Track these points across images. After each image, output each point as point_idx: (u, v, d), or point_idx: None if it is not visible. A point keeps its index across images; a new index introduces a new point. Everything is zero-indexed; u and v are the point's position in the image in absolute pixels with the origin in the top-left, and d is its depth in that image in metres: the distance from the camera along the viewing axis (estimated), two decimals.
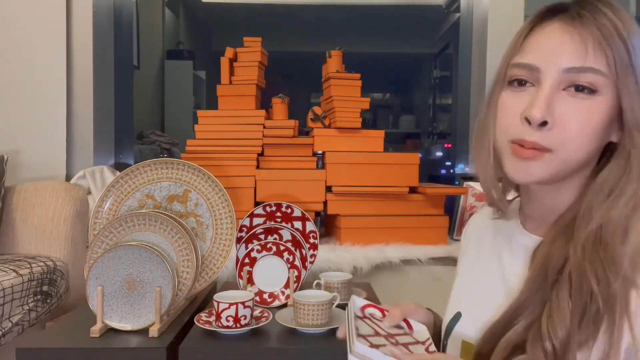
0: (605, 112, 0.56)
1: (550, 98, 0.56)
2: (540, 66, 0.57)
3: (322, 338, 1.06)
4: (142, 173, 1.29)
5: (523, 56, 0.59)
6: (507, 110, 0.60)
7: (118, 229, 1.15)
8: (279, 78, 4.34)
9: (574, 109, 0.56)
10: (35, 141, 1.96)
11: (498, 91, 0.62)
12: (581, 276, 0.53)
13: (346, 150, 1.74)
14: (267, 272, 1.30)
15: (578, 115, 0.55)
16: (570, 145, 0.56)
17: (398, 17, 4.50)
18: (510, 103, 0.60)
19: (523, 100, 0.58)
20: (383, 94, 5.91)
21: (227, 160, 1.69)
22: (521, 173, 0.58)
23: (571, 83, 0.56)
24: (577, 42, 0.56)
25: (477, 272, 0.73)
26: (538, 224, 0.66)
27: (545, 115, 0.55)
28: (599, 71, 0.55)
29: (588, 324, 0.52)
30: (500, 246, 0.71)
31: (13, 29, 1.96)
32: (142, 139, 3.13)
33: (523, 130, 0.57)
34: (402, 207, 1.72)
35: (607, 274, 0.52)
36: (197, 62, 4.08)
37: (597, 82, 0.55)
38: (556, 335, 0.52)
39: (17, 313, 1.36)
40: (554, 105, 0.56)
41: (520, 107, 0.58)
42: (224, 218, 1.30)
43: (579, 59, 0.55)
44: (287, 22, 4.61)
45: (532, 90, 0.58)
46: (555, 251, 0.58)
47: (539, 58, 0.57)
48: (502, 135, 0.61)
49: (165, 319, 1.10)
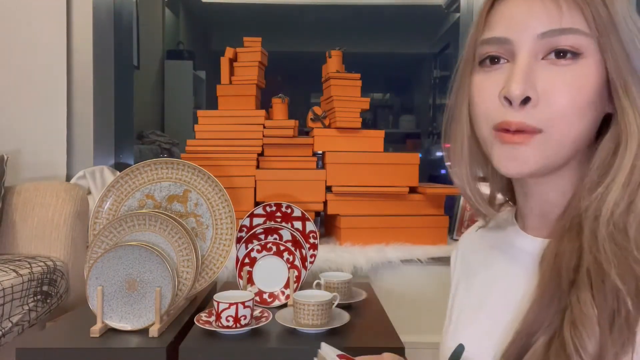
0: (594, 77, 0.48)
1: (529, 70, 0.48)
2: (512, 37, 0.50)
3: (322, 338, 1.06)
4: (142, 173, 1.29)
5: (491, 30, 0.52)
6: (483, 93, 0.52)
7: (118, 229, 1.15)
8: (279, 78, 4.34)
9: (558, 78, 0.48)
10: (35, 141, 1.96)
11: (468, 74, 0.55)
12: (601, 273, 0.45)
13: (346, 150, 1.74)
14: (267, 272, 1.30)
15: (565, 85, 0.48)
16: (562, 122, 0.48)
17: (398, 17, 4.50)
18: (485, 84, 0.52)
19: (499, 79, 0.51)
20: (383, 94, 5.90)
21: (227, 160, 1.69)
22: (512, 162, 0.50)
23: (550, 49, 0.48)
24: (547, 3, 0.48)
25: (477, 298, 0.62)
26: (541, 224, 0.58)
27: (527, 90, 0.48)
28: (579, 30, 0.48)
29: (621, 329, 0.42)
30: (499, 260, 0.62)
31: (13, 29, 1.96)
32: (142, 139, 3.13)
33: (505, 112, 0.49)
34: (402, 207, 1.72)
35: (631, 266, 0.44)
36: (197, 62, 4.08)
37: (579, 44, 0.48)
38: (585, 348, 0.43)
39: (17, 313, 1.36)
40: (534, 78, 0.48)
41: (497, 87, 0.50)
42: (224, 218, 1.30)
43: (553, 21, 0.48)
44: (287, 22, 4.61)
45: (508, 66, 0.51)
46: (565, 249, 0.49)
47: (508, 29, 0.50)
48: (482, 123, 0.53)
49: (165, 319, 1.10)
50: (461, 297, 0.66)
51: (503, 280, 0.59)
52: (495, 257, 0.62)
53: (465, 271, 0.67)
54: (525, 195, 0.58)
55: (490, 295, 0.60)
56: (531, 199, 0.57)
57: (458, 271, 0.69)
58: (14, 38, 1.96)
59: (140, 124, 3.13)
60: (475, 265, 0.66)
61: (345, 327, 1.09)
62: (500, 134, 0.50)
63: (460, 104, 0.57)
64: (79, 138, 2.05)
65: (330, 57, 1.81)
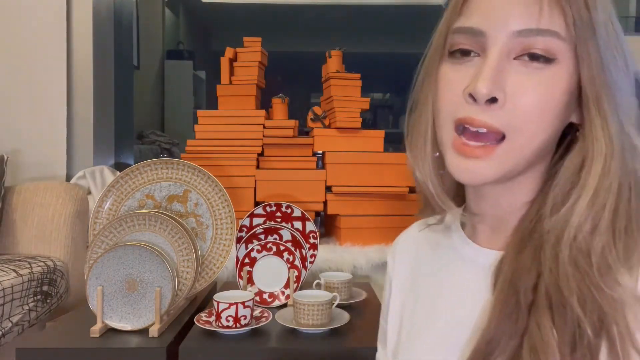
0: (565, 85, 0.46)
1: (499, 69, 0.45)
2: (486, 30, 0.46)
3: (322, 338, 1.06)
4: (142, 173, 1.29)
5: (466, 19, 0.48)
6: (449, 87, 0.49)
7: (118, 229, 1.15)
8: (279, 78, 4.34)
9: (528, 82, 0.45)
10: (35, 141, 1.96)
11: (437, 63, 0.52)
12: (562, 299, 0.43)
13: (346, 150, 1.74)
14: (267, 272, 1.30)
15: (534, 90, 0.45)
16: (527, 127, 0.46)
17: (398, 17, 4.50)
18: (452, 77, 0.49)
19: (467, 74, 0.47)
20: (383, 94, 5.90)
21: (227, 160, 1.69)
22: (465, 174, 0.48)
23: (524, 50, 0.46)
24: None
25: (425, 311, 0.58)
26: (492, 235, 0.54)
27: (494, 91, 0.45)
28: (557, 34, 0.45)
29: (584, 355, 0.41)
30: (447, 270, 0.57)
31: (13, 29, 1.96)
32: (142, 139, 3.13)
33: (469, 109, 0.47)
34: (402, 207, 1.72)
35: (593, 292, 0.42)
36: (197, 62, 4.08)
37: (554, 48, 0.45)
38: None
39: (17, 313, 1.36)
40: (504, 78, 0.46)
41: (464, 83, 0.47)
42: (224, 218, 1.30)
43: (531, 20, 0.45)
44: (287, 22, 4.62)
45: (478, 61, 0.48)
46: (523, 266, 0.47)
47: (483, 20, 0.47)
48: (444, 118, 0.50)
49: (165, 319, 1.10)
50: (411, 308, 0.61)
51: (452, 293, 0.55)
52: (443, 266, 0.58)
53: (410, 278, 0.63)
54: (477, 197, 0.55)
55: (439, 309, 0.56)
56: (483, 202, 0.54)
57: (400, 276, 0.64)
58: (14, 38, 1.96)
59: (140, 124, 3.13)
60: (421, 273, 0.61)
61: (345, 327, 1.09)
62: (460, 145, 0.48)
63: (425, 95, 0.54)
64: (79, 138, 2.05)
65: (330, 57, 1.81)
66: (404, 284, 0.63)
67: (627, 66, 0.47)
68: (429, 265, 0.61)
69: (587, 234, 0.45)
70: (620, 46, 0.47)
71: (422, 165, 0.55)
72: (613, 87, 0.46)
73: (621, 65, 0.47)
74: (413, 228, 0.67)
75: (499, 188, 0.51)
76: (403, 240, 0.67)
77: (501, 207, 0.53)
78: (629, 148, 0.46)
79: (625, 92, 0.46)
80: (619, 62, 0.46)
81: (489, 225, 0.55)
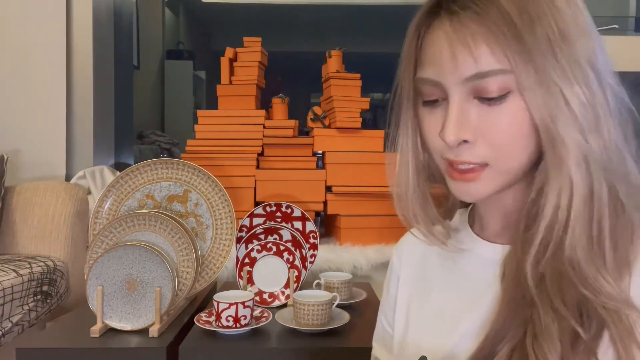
0: (526, 112, 0.47)
1: (461, 113, 0.48)
2: (442, 80, 0.49)
3: (322, 338, 1.06)
4: (142, 173, 1.29)
5: (424, 70, 0.52)
6: (429, 131, 0.53)
7: (118, 229, 1.15)
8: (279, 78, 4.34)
9: (491, 117, 0.48)
10: (35, 141, 1.96)
11: (411, 107, 0.55)
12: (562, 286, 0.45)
13: (346, 150, 1.74)
14: (267, 272, 1.30)
15: (498, 123, 0.47)
16: (504, 155, 0.49)
17: (398, 17, 4.49)
18: (429, 122, 0.52)
19: (438, 117, 0.51)
20: (383, 94, 5.90)
21: (227, 160, 1.69)
22: (465, 194, 0.52)
23: (477, 92, 0.48)
24: (460, 48, 0.47)
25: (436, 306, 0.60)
26: (499, 230, 0.57)
27: (461, 135, 0.48)
28: (501, 70, 0.46)
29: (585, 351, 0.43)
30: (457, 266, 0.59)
31: (13, 29, 1.96)
32: (142, 139, 3.13)
33: (449, 151, 0.50)
34: None
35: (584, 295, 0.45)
36: (197, 62, 4.08)
37: (505, 83, 0.46)
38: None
39: (17, 313, 1.36)
40: (468, 120, 0.48)
41: (438, 126, 0.51)
42: (224, 218, 1.30)
43: (473, 65, 0.47)
44: (287, 22, 4.62)
45: (445, 104, 0.50)
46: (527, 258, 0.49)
47: (437, 72, 0.50)
48: (433, 151, 0.54)
49: (165, 319, 1.10)
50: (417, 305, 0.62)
51: (463, 288, 0.57)
52: (452, 262, 0.60)
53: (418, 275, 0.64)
54: (485, 202, 0.57)
55: (450, 304, 0.57)
56: (491, 206, 0.57)
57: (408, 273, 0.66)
58: (14, 38, 1.96)
59: (140, 124, 3.13)
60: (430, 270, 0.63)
61: (345, 327, 1.09)
62: (450, 171, 0.52)
63: (403, 134, 0.57)
64: (78, 138, 2.05)
65: (330, 57, 1.81)
66: (412, 280, 0.65)
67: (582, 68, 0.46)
68: (437, 262, 0.62)
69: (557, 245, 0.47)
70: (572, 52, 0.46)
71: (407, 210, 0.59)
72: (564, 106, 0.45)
73: (575, 74, 0.46)
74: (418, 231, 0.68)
75: (501, 195, 0.54)
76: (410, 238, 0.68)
77: (505, 207, 0.56)
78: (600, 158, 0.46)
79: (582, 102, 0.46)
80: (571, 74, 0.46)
81: (495, 222, 0.57)
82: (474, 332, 0.52)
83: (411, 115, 0.56)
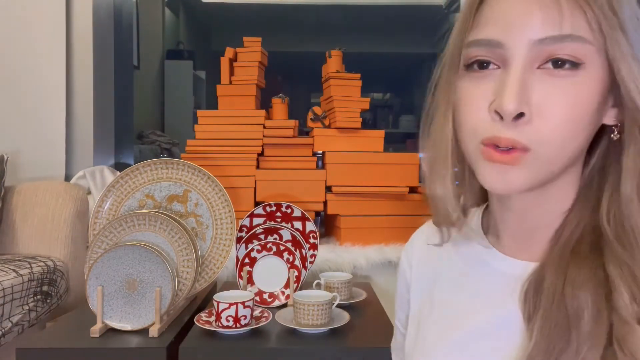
0: (595, 90, 0.43)
1: (524, 82, 0.43)
2: (505, 41, 0.44)
3: (322, 338, 1.06)
4: (142, 173, 1.29)
5: (480, 30, 0.46)
6: (471, 104, 0.46)
7: (118, 229, 1.15)
8: (279, 78, 4.34)
9: (555, 92, 0.43)
10: (35, 141, 1.96)
11: (452, 79, 0.50)
12: None
13: (346, 150, 1.74)
14: (267, 272, 1.30)
15: (562, 99, 0.43)
16: (555, 141, 0.43)
17: (398, 17, 4.50)
18: (473, 93, 0.46)
19: (488, 88, 0.45)
20: (383, 94, 5.90)
21: (227, 160, 1.69)
22: (500, 182, 0.45)
23: (547, 57, 0.43)
24: (547, 4, 0.42)
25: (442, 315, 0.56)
26: (520, 245, 0.52)
27: (521, 106, 0.42)
28: (581, 38, 0.42)
29: None
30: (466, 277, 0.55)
31: (13, 29, 1.96)
32: (142, 139, 3.13)
33: (495, 126, 0.44)
34: (402, 207, 1.72)
35: None
36: (197, 62, 4.08)
37: (580, 53, 0.42)
38: None
39: (17, 313, 1.36)
40: (529, 90, 0.43)
41: (487, 97, 0.45)
42: (224, 218, 1.30)
43: (553, 26, 0.42)
44: (287, 22, 4.62)
45: (498, 73, 0.45)
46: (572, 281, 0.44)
47: (501, 31, 0.44)
48: (469, 136, 0.47)
49: (165, 319, 1.10)
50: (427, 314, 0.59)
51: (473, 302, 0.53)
52: (464, 273, 0.56)
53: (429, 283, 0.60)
54: (503, 208, 0.52)
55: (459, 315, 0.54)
56: (511, 214, 0.52)
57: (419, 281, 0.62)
58: (13, 38, 1.96)
59: (140, 124, 3.13)
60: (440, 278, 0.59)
61: (345, 327, 1.09)
62: (488, 151, 0.45)
63: (443, 112, 0.51)
64: (78, 138, 2.05)
65: (330, 57, 1.81)
66: (423, 289, 0.61)
67: None
68: (449, 270, 0.59)
69: None
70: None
71: (444, 185, 0.52)
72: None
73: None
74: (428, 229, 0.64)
75: (529, 198, 0.49)
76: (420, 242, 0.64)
77: (529, 220, 0.51)
78: None
79: None
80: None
81: (516, 236, 0.52)
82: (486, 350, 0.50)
83: (453, 86, 0.50)
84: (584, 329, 0.41)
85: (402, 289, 0.65)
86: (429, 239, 0.61)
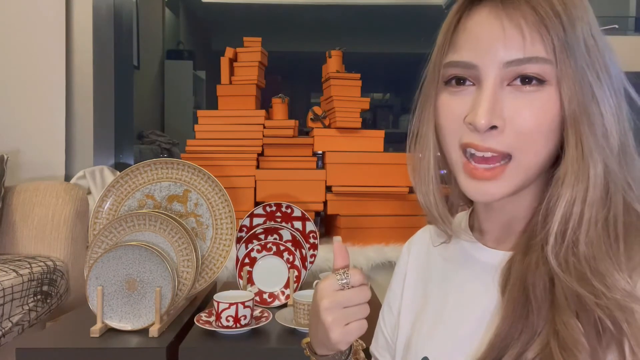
0: (558, 104, 0.48)
1: (495, 98, 0.48)
2: (478, 63, 0.49)
3: None
4: (142, 173, 1.29)
5: (456, 53, 0.51)
6: (449, 115, 0.52)
7: (118, 229, 1.15)
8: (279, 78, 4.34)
9: (524, 104, 0.48)
10: (35, 141, 1.96)
11: (433, 93, 0.55)
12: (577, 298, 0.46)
13: (346, 150, 1.74)
14: (267, 272, 1.30)
15: (531, 111, 0.48)
16: (530, 147, 0.49)
17: (398, 17, 4.50)
18: (451, 106, 0.52)
19: (465, 102, 0.51)
20: (383, 94, 5.90)
21: (227, 160, 1.69)
22: (481, 195, 0.51)
23: (516, 76, 0.48)
24: (512, 30, 0.48)
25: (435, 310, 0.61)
26: (500, 237, 0.57)
27: (492, 120, 0.48)
28: (542, 59, 0.47)
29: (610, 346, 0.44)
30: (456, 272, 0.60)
31: (13, 29, 1.96)
32: (142, 139, 3.13)
33: (472, 135, 0.50)
34: (402, 207, 1.72)
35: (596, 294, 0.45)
36: (197, 62, 4.08)
37: (544, 72, 0.48)
38: None
39: (17, 313, 1.36)
40: (500, 105, 0.48)
41: (463, 110, 0.51)
42: (224, 218, 1.30)
43: (517, 50, 0.47)
44: (287, 22, 4.61)
45: (473, 90, 0.50)
46: (529, 267, 0.50)
47: (474, 55, 0.50)
48: (450, 144, 0.53)
49: (165, 319, 1.10)
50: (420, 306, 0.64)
51: (461, 293, 0.58)
52: (453, 268, 0.61)
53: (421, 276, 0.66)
54: (487, 208, 0.58)
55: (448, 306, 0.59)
56: (494, 213, 0.57)
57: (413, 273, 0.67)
58: (13, 38, 1.96)
59: (140, 124, 3.13)
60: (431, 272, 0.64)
61: None
62: (470, 169, 0.50)
63: (425, 123, 0.57)
64: (78, 138, 2.05)
65: (330, 57, 1.81)
66: (415, 281, 0.66)
67: (611, 77, 0.49)
68: (439, 265, 0.64)
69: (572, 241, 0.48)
70: (603, 60, 0.49)
71: (427, 192, 0.58)
72: (593, 104, 0.47)
73: (604, 79, 0.48)
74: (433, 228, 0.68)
75: (509, 201, 0.54)
76: (419, 239, 0.70)
77: (507, 214, 0.56)
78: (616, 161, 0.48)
79: (609, 105, 0.48)
80: (601, 77, 0.48)
81: (497, 229, 0.58)
82: (474, 336, 0.53)
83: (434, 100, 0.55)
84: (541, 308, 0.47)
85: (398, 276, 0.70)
86: (433, 237, 0.66)
